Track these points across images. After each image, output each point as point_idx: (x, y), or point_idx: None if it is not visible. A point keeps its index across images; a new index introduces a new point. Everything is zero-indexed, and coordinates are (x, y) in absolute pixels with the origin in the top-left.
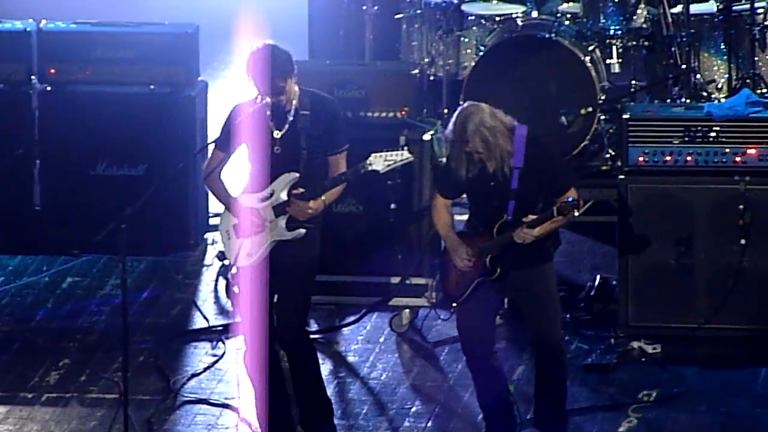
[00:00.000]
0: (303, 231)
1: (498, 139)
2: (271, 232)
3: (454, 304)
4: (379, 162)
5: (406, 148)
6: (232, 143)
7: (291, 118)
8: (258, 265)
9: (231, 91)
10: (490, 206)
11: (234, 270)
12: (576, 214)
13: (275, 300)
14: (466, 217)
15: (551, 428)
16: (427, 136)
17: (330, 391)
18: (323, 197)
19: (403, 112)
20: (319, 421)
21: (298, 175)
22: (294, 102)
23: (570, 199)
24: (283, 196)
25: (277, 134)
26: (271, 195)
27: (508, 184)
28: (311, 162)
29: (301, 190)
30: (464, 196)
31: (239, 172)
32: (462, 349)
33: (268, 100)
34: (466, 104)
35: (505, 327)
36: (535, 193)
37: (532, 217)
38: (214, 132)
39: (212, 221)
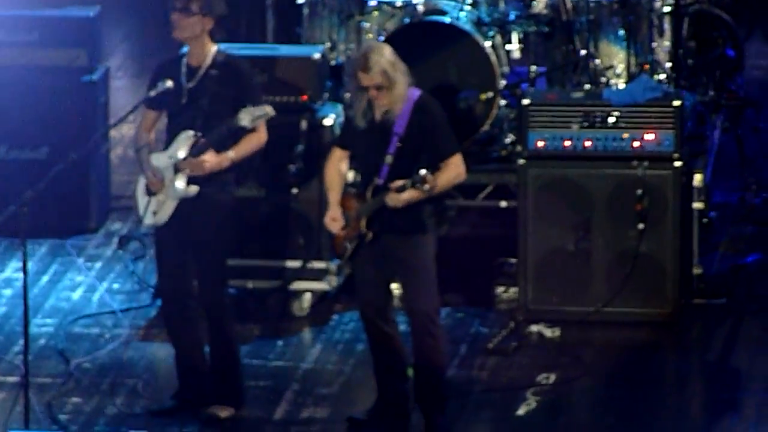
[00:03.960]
0: (196, 188)
1: (398, 76)
2: (171, 191)
3: (339, 262)
4: (246, 118)
5: (269, 106)
6: (155, 99)
7: (201, 74)
8: (168, 225)
9: (134, 75)
10: (367, 166)
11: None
12: (427, 187)
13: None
14: None
15: (429, 402)
16: (328, 121)
17: None
18: (231, 153)
19: (305, 97)
20: (226, 402)
21: (193, 133)
22: (207, 60)
23: (422, 172)
24: (181, 154)
25: (186, 85)
26: (174, 154)
27: (386, 146)
28: (211, 121)
29: (193, 146)
30: None
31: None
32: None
33: (183, 56)
34: (369, 41)
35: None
36: (413, 160)
37: (398, 182)
38: (115, 115)
39: (114, 204)
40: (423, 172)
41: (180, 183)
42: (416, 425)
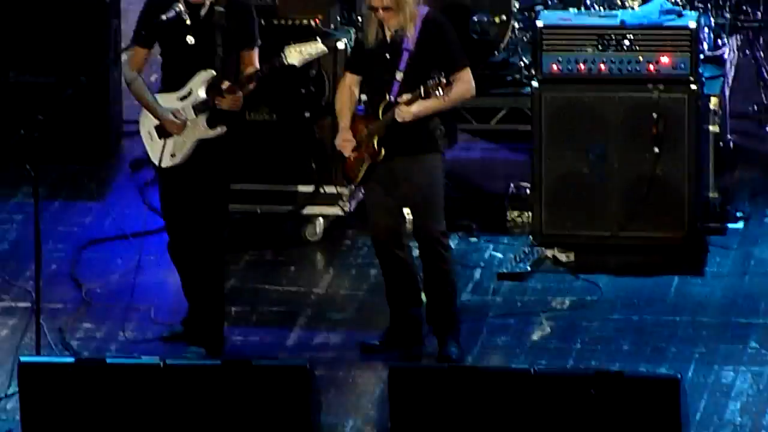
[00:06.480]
0: (225, 127)
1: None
2: (193, 131)
3: (352, 186)
4: (294, 56)
5: (318, 38)
6: (150, 36)
7: (204, 12)
8: (181, 165)
9: None
10: (378, 85)
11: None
12: (440, 91)
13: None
14: None
15: (441, 324)
16: (341, 45)
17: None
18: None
19: (317, 20)
20: (207, 332)
21: (215, 73)
22: None
23: (434, 77)
24: (202, 93)
25: (188, 22)
26: (189, 94)
27: (397, 63)
28: (227, 58)
29: (227, 83)
30: None
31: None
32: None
33: None
34: None
35: None
36: (424, 76)
37: (406, 96)
38: (126, 38)
39: (127, 129)
40: (432, 80)
41: (205, 123)
42: (430, 350)
